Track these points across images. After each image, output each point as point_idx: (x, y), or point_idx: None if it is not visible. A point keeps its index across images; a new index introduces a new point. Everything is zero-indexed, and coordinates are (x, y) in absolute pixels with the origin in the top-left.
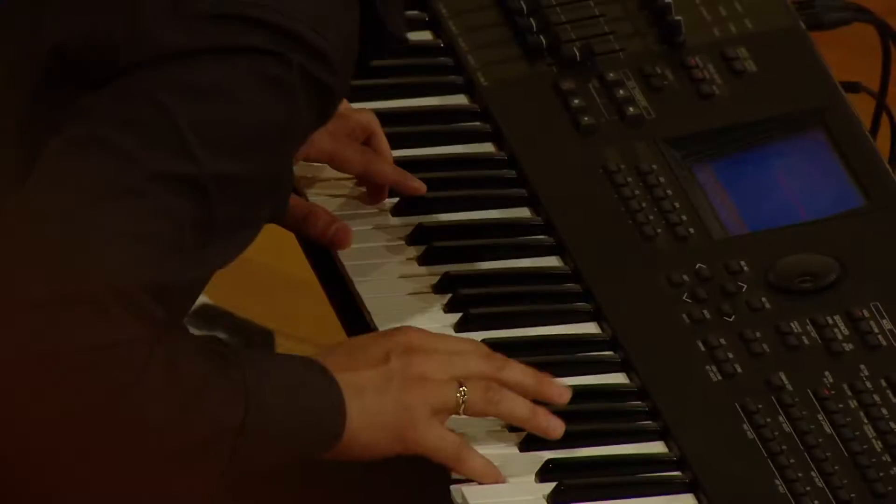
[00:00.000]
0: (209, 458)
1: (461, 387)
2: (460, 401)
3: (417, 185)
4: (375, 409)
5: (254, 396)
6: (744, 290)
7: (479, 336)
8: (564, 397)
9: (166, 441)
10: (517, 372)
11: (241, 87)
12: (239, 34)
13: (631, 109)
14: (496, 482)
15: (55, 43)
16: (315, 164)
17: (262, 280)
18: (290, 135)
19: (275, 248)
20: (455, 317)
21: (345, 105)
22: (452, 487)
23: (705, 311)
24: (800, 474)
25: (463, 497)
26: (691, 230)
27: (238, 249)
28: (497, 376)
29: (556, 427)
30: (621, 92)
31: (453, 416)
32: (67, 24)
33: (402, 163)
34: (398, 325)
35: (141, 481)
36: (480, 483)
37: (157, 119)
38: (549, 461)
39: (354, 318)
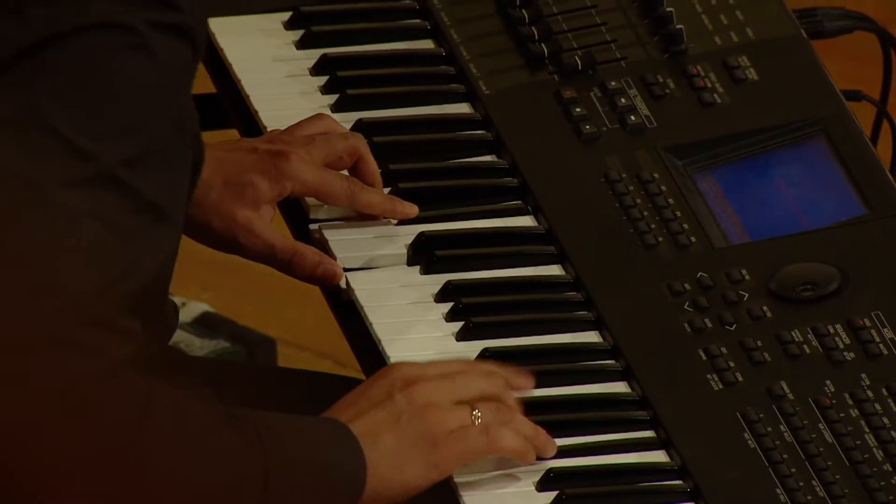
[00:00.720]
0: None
1: (474, 410)
2: (475, 423)
3: (407, 209)
4: (396, 447)
5: (272, 449)
6: (745, 298)
7: (480, 345)
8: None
9: (185, 488)
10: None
11: (102, 69)
12: (75, 14)
13: (632, 118)
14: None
15: None
16: None
17: (264, 288)
18: (171, 85)
19: None
20: (457, 325)
21: (330, 127)
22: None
23: (706, 320)
24: (801, 483)
25: None
26: (693, 239)
27: (181, 209)
28: (501, 396)
29: (552, 448)
30: (623, 100)
31: None
32: None
33: (403, 172)
34: (400, 334)
35: None
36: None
37: (36, 131)
38: (549, 470)
39: (356, 328)
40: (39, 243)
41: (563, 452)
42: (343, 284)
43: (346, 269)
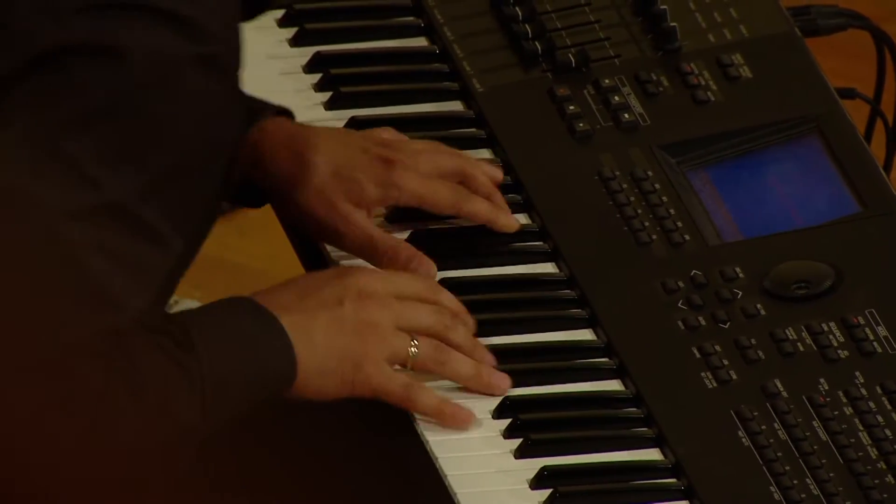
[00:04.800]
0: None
1: (412, 340)
2: (410, 354)
3: (511, 221)
4: (325, 353)
5: (210, 379)
6: (739, 296)
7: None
8: (504, 385)
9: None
10: (461, 335)
11: (118, 94)
12: (104, 30)
13: (626, 116)
14: (457, 422)
15: None
16: None
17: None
18: (194, 113)
19: (268, 255)
20: None
21: (440, 148)
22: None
23: (700, 318)
24: (795, 481)
25: None
26: (686, 237)
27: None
28: (446, 335)
29: (501, 383)
30: (616, 98)
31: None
32: None
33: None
34: None
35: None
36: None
37: (50, 156)
38: (543, 468)
39: None
40: (39, 273)
41: (557, 450)
42: None
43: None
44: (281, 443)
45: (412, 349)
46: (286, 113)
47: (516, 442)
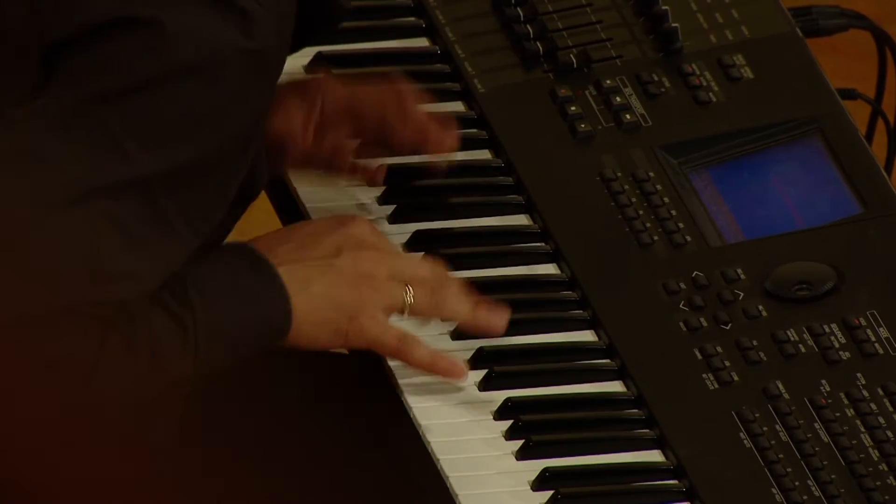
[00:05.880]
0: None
1: (408, 287)
2: (407, 301)
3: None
4: (320, 303)
5: (205, 331)
6: (740, 297)
7: (475, 343)
8: (503, 320)
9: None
10: (456, 285)
11: (157, 76)
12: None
13: (628, 116)
14: (450, 374)
15: None
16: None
17: None
18: (229, 105)
19: None
20: (450, 325)
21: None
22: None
23: (702, 319)
24: (796, 483)
25: None
26: (688, 238)
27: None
28: (440, 286)
29: (500, 318)
30: (618, 99)
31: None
32: None
33: (398, 169)
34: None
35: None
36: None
37: (85, 124)
38: (545, 469)
39: None
40: (48, 227)
41: (559, 452)
42: None
43: None
44: (281, 443)
45: (408, 297)
46: None
47: (518, 443)
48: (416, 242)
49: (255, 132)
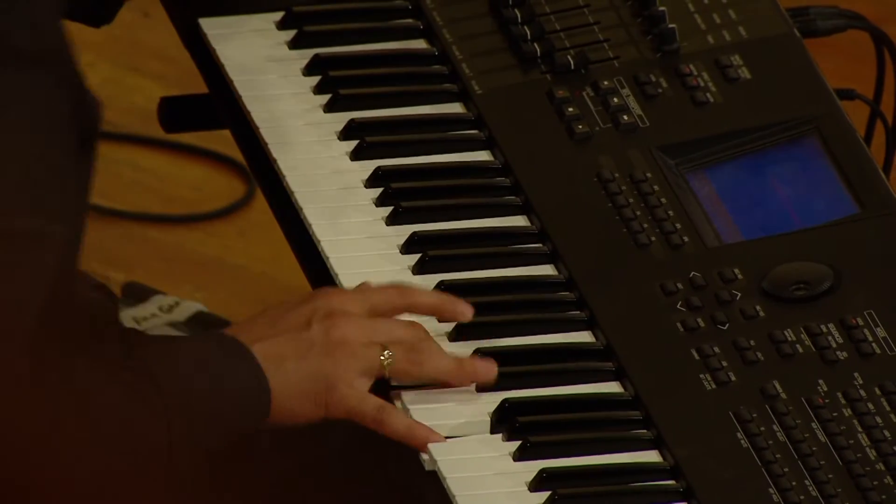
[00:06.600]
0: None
1: (385, 350)
2: (385, 363)
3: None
4: (296, 377)
5: (174, 409)
6: (738, 298)
7: (473, 345)
8: (491, 371)
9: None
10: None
11: None
12: None
13: (625, 117)
14: (426, 442)
15: None
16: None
17: (258, 288)
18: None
19: (269, 257)
20: (449, 326)
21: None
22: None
23: (699, 320)
24: (794, 483)
25: None
26: (685, 238)
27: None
28: (419, 346)
29: (488, 371)
30: (615, 100)
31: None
32: None
33: (396, 172)
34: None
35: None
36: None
37: None
38: (542, 470)
39: None
40: None
41: (556, 453)
42: None
43: (338, 272)
44: (277, 447)
45: (386, 359)
46: None
47: (515, 444)
48: (414, 244)
49: (70, 121)
